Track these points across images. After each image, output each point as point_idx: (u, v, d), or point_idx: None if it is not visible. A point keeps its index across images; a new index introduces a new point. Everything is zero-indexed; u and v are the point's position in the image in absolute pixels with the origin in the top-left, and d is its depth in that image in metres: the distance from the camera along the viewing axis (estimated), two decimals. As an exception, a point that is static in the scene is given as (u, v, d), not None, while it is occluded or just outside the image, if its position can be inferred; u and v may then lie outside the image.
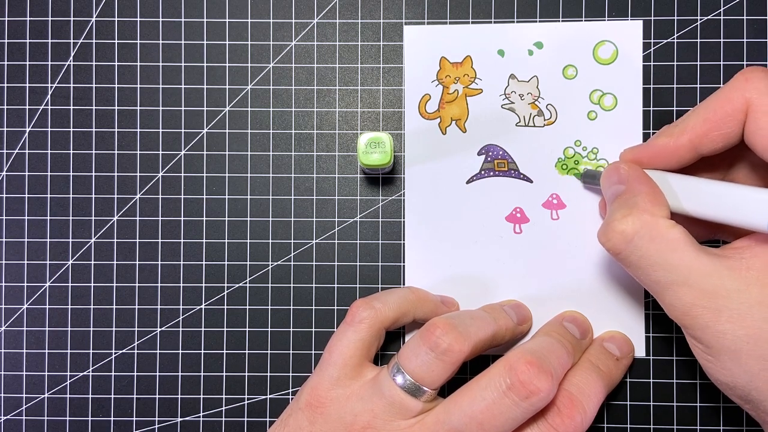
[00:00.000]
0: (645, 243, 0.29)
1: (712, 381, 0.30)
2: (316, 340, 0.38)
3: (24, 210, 0.39)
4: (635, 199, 0.30)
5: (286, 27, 0.39)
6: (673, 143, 0.31)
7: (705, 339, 0.28)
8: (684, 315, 0.29)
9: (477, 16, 0.39)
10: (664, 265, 0.29)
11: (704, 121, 0.30)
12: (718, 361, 0.29)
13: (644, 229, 0.29)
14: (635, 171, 0.32)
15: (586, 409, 0.32)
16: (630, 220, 0.30)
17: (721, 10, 0.38)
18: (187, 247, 0.39)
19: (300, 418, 0.33)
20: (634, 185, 0.31)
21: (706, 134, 0.31)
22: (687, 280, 0.28)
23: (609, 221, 0.30)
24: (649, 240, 0.29)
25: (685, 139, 0.31)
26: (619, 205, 0.31)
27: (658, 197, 0.31)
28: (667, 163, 0.32)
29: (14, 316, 0.39)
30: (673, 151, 0.32)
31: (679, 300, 0.29)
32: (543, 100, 0.38)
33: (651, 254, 0.29)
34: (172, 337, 0.39)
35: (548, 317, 0.38)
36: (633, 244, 0.29)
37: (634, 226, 0.29)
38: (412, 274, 0.38)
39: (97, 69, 0.39)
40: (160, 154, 0.39)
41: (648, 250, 0.29)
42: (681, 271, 0.28)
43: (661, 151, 0.32)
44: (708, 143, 0.31)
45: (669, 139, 0.32)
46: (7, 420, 0.39)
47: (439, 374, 0.31)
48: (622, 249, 0.30)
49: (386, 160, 0.35)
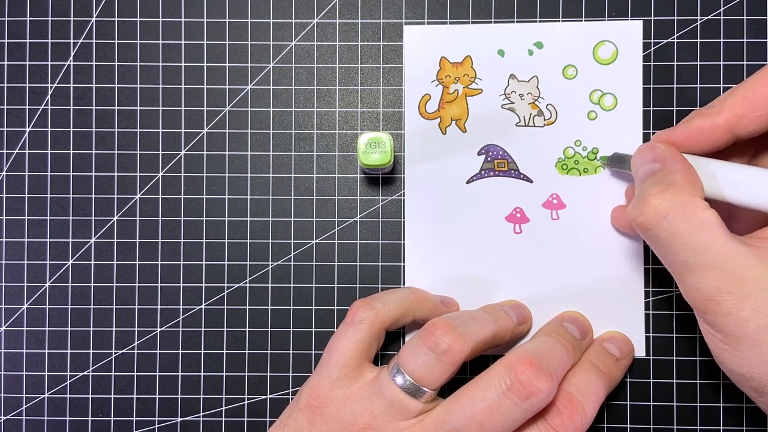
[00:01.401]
0: (679, 221, 0.28)
1: (726, 372, 0.30)
2: (316, 340, 0.38)
3: (24, 210, 0.39)
4: (673, 176, 0.30)
5: (286, 27, 0.39)
6: (710, 124, 0.31)
7: (725, 326, 0.28)
8: (708, 300, 0.28)
9: (477, 16, 0.39)
10: (695, 245, 0.28)
11: (743, 101, 0.30)
12: (735, 350, 0.28)
13: (680, 207, 0.28)
14: (671, 150, 0.31)
15: (585, 409, 0.32)
16: (667, 195, 0.29)
17: (721, 10, 0.38)
18: (187, 247, 0.39)
19: (300, 419, 0.33)
20: (671, 164, 0.30)
21: (744, 115, 0.30)
22: (715, 264, 0.28)
23: (643, 195, 0.29)
24: (683, 218, 0.28)
25: (722, 120, 0.30)
26: (654, 180, 0.30)
27: (694, 178, 0.30)
28: (701, 145, 0.31)
29: (14, 316, 0.39)
30: (708, 133, 0.31)
31: (705, 283, 0.28)
32: (543, 100, 0.38)
33: (683, 233, 0.28)
34: (172, 337, 0.39)
35: (548, 317, 0.38)
36: (667, 221, 0.28)
37: (670, 203, 0.28)
38: (412, 274, 0.38)
39: (97, 69, 0.39)
40: (160, 154, 0.39)
41: (680, 228, 0.28)
42: (711, 254, 0.28)
43: (696, 132, 0.31)
44: (746, 125, 0.30)
45: (705, 120, 0.31)
46: (7, 420, 0.39)
47: (438, 375, 0.31)
48: (655, 224, 0.29)
49: (386, 160, 0.35)
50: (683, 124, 0.32)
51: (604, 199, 0.38)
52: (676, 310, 0.38)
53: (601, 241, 0.38)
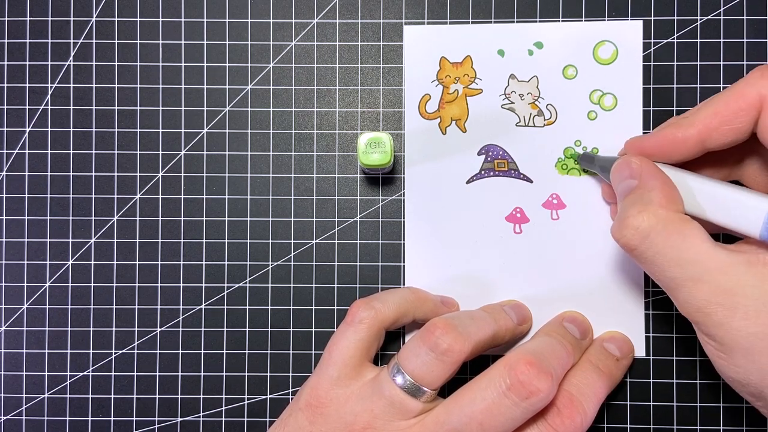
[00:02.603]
0: (661, 239, 0.28)
1: (724, 378, 0.30)
2: (316, 340, 0.38)
3: (24, 210, 0.39)
4: (650, 194, 0.30)
5: (286, 27, 0.39)
6: (681, 135, 0.31)
7: (718, 336, 0.28)
8: (698, 312, 0.28)
9: (477, 16, 0.39)
10: (680, 261, 0.28)
11: (715, 114, 0.30)
12: (731, 358, 0.28)
13: (660, 225, 0.29)
14: (648, 165, 0.31)
15: (585, 409, 0.32)
16: (645, 216, 0.29)
17: (721, 10, 0.38)
18: (187, 247, 0.39)
19: (300, 418, 0.33)
20: (648, 180, 0.30)
21: (716, 128, 0.30)
22: (702, 277, 0.28)
23: (623, 217, 0.30)
24: (665, 236, 0.28)
25: (694, 131, 0.30)
26: (633, 200, 0.30)
27: (672, 192, 0.30)
28: (671, 155, 0.32)
29: (14, 316, 0.39)
30: (679, 143, 0.31)
31: (694, 297, 0.28)
32: (543, 100, 0.38)
33: (667, 251, 0.28)
34: (172, 337, 0.39)
35: (548, 317, 0.38)
36: (649, 240, 0.29)
37: (649, 222, 0.29)
38: (412, 274, 0.38)
39: (97, 69, 0.39)
40: (160, 154, 0.39)
41: (664, 247, 0.28)
42: (697, 268, 0.28)
43: (667, 142, 0.31)
44: (717, 137, 0.30)
45: (677, 131, 0.31)
46: (7, 420, 0.39)
47: (438, 374, 0.31)
48: (637, 245, 0.29)
49: (386, 160, 0.35)
50: (656, 133, 0.32)
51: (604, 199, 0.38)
52: (676, 310, 0.38)
53: (601, 241, 0.38)
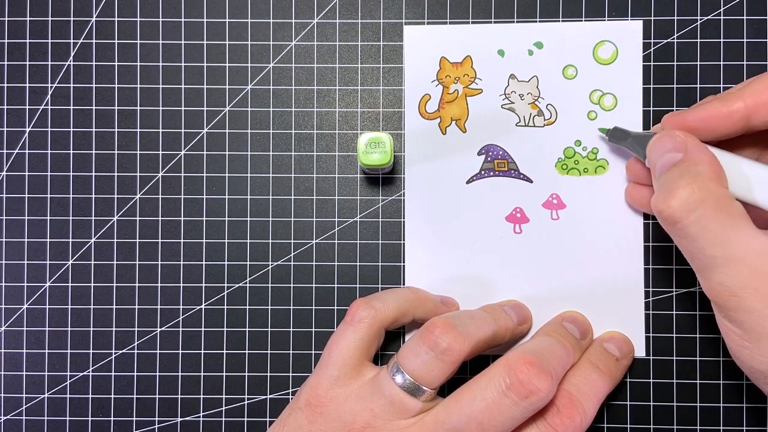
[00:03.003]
0: (708, 214, 0.27)
1: (744, 368, 0.29)
2: (316, 340, 0.38)
3: (24, 210, 0.39)
4: (698, 167, 0.29)
5: (286, 27, 0.39)
6: (726, 109, 0.30)
7: (747, 323, 0.27)
8: (731, 295, 0.27)
9: (477, 16, 0.39)
10: (724, 240, 0.27)
11: (766, 88, 0.29)
12: (756, 347, 0.27)
13: (710, 200, 0.27)
14: (693, 139, 0.30)
15: (585, 409, 0.32)
16: (695, 188, 0.28)
17: (721, 10, 0.38)
18: (187, 247, 0.39)
19: (299, 418, 0.33)
20: (695, 154, 0.29)
21: (765, 102, 0.29)
22: (744, 259, 0.27)
23: (671, 188, 0.28)
24: (713, 212, 0.27)
25: (741, 105, 0.29)
26: (680, 172, 0.29)
27: (719, 168, 0.29)
28: (713, 131, 0.30)
29: (14, 316, 0.39)
30: (724, 118, 0.30)
31: (731, 279, 0.27)
32: (543, 100, 0.38)
33: (712, 227, 0.27)
34: (172, 337, 0.39)
35: (548, 317, 0.38)
36: (696, 214, 0.27)
37: (700, 195, 0.27)
38: (412, 274, 0.38)
39: (97, 69, 0.39)
40: (160, 154, 0.39)
41: (710, 222, 0.27)
42: (739, 249, 0.27)
43: (711, 116, 0.30)
44: (764, 113, 0.29)
45: (721, 104, 0.30)
46: (7, 420, 0.39)
47: (438, 374, 0.31)
48: (682, 218, 0.28)
49: (386, 160, 0.35)
50: (697, 108, 0.31)
51: (604, 199, 0.38)
52: (676, 310, 0.38)
53: (601, 241, 0.38)
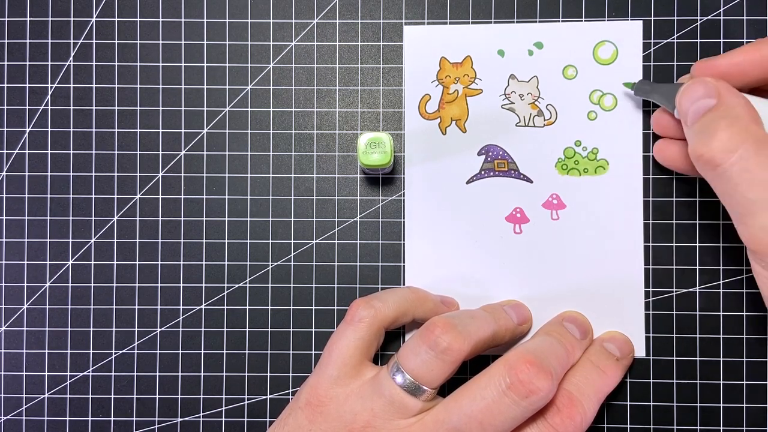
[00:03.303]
0: (750, 155, 0.27)
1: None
2: (316, 340, 0.38)
3: (24, 210, 0.39)
4: (735, 110, 0.28)
5: (286, 27, 0.39)
6: (759, 53, 0.30)
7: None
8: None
9: (477, 16, 0.39)
10: (766, 181, 0.27)
11: None
12: None
13: (750, 141, 0.27)
14: (725, 84, 0.29)
15: (585, 409, 0.32)
16: (735, 130, 0.27)
17: (721, 10, 0.38)
18: (187, 247, 0.39)
19: (300, 417, 0.33)
20: (730, 98, 0.29)
21: None
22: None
23: (710, 131, 0.28)
24: (755, 152, 0.27)
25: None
26: (718, 115, 0.28)
27: (755, 112, 0.29)
28: (745, 76, 0.30)
29: (14, 316, 0.39)
30: (757, 63, 0.30)
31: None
32: (543, 100, 0.38)
33: (754, 168, 0.27)
34: (172, 337, 0.39)
35: (548, 317, 0.38)
36: (737, 155, 0.27)
37: (741, 136, 0.27)
38: (412, 274, 0.38)
39: (97, 69, 0.39)
40: (160, 154, 0.39)
41: (752, 164, 0.27)
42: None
43: (744, 61, 0.30)
44: None
45: (754, 50, 0.30)
46: (7, 420, 0.39)
47: (438, 373, 0.31)
48: (724, 160, 0.27)
49: (386, 160, 0.35)
50: (728, 54, 0.31)
51: (604, 199, 0.38)
52: (676, 310, 0.38)
53: (601, 241, 0.38)
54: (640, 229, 0.38)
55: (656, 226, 0.38)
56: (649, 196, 0.38)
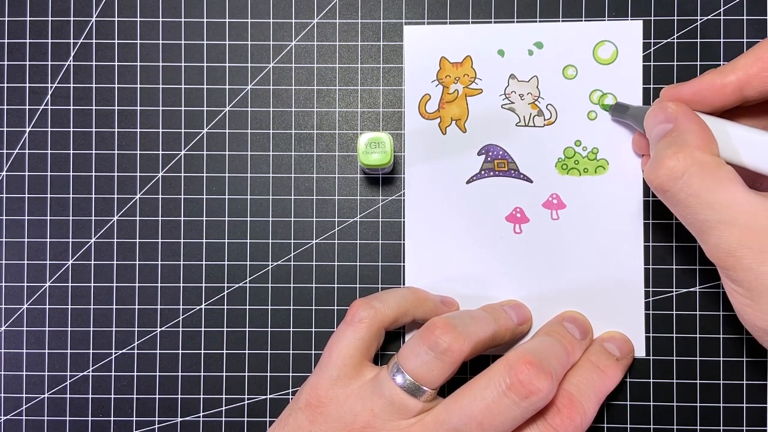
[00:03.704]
0: (695, 181, 0.28)
1: (747, 327, 0.30)
2: (316, 340, 0.38)
3: (24, 210, 0.39)
4: (685, 136, 0.30)
5: (286, 27, 0.39)
6: (720, 81, 0.31)
7: (747, 281, 0.28)
8: (728, 255, 0.28)
9: (477, 16, 0.39)
10: (713, 203, 0.28)
11: (756, 60, 0.30)
12: (757, 305, 0.28)
13: (695, 167, 0.28)
14: (683, 109, 0.31)
15: (585, 409, 0.32)
16: (680, 157, 0.29)
17: (721, 10, 0.38)
18: (187, 247, 0.39)
19: (299, 418, 0.33)
20: (683, 123, 0.30)
21: (756, 74, 0.30)
22: (735, 220, 0.28)
23: (658, 158, 0.29)
24: (699, 178, 0.28)
25: (734, 78, 0.30)
26: (668, 142, 0.30)
27: (708, 136, 0.30)
28: (709, 102, 0.31)
29: (14, 316, 0.39)
30: (718, 90, 0.31)
31: (725, 240, 0.28)
32: (543, 100, 0.38)
33: (700, 192, 0.28)
34: (172, 337, 0.39)
35: (548, 317, 0.38)
36: (682, 182, 0.28)
37: (684, 163, 0.28)
38: (412, 274, 0.38)
39: (97, 69, 0.39)
40: (160, 154, 0.39)
41: (698, 188, 0.28)
42: (729, 211, 0.28)
43: (706, 88, 0.31)
44: (757, 84, 0.30)
45: (716, 77, 0.31)
46: (7, 420, 0.39)
47: (438, 374, 0.31)
48: (671, 186, 0.29)
49: (386, 160, 0.35)
50: (693, 81, 0.32)
51: (604, 199, 0.38)
52: (676, 310, 0.38)
53: (601, 241, 0.38)
54: (640, 229, 0.38)
55: (656, 226, 0.38)
56: (649, 196, 0.38)
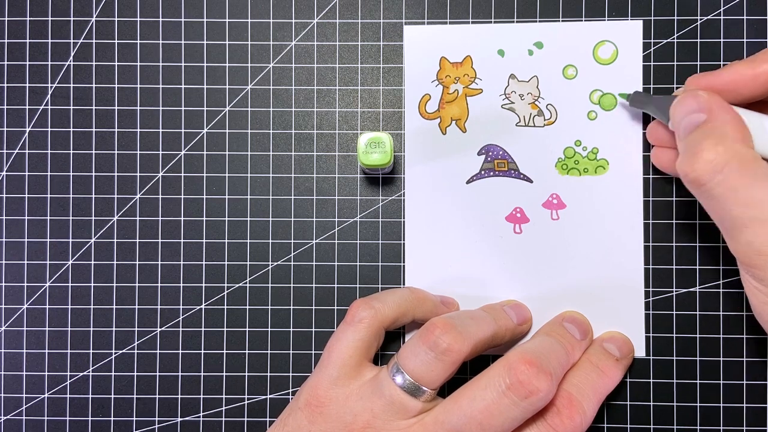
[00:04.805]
0: (735, 175, 0.27)
1: (765, 326, 0.29)
2: (316, 340, 0.38)
3: (24, 210, 0.39)
4: (725, 128, 0.29)
5: (286, 27, 0.39)
6: (752, 72, 0.30)
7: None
8: (759, 255, 0.28)
9: (477, 16, 0.39)
10: (750, 200, 0.27)
11: None
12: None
13: (735, 160, 0.28)
14: (717, 99, 0.30)
15: (585, 409, 0.32)
16: (721, 149, 0.28)
17: (721, 10, 0.38)
18: (187, 247, 0.39)
19: (299, 418, 0.33)
20: (720, 113, 0.29)
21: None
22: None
23: (696, 150, 0.28)
24: (739, 172, 0.27)
25: (766, 68, 0.30)
26: (705, 133, 0.29)
27: (744, 128, 0.29)
28: (738, 94, 0.31)
29: (14, 316, 0.39)
30: (749, 80, 0.30)
31: (758, 238, 0.27)
32: (543, 100, 0.38)
33: (738, 187, 0.27)
34: (172, 337, 0.39)
35: (548, 317, 0.38)
36: (722, 175, 0.28)
37: (725, 156, 0.28)
38: (412, 274, 0.38)
39: (97, 69, 0.39)
40: (160, 154, 0.39)
41: (736, 183, 0.27)
42: (765, 208, 0.27)
43: (736, 79, 0.30)
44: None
45: (747, 67, 0.30)
46: (7, 420, 0.39)
47: (438, 374, 0.31)
48: (709, 180, 0.28)
49: (386, 160, 0.35)
50: (722, 71, 0.31)
51: (604, 199, 0.38)
52: (676, 310, 0.38)
53: (601, 241, 0.38)
54: (640, 229, 0.38)
55: (656, 226, 0.38)
56: (649, 196, 0.38)
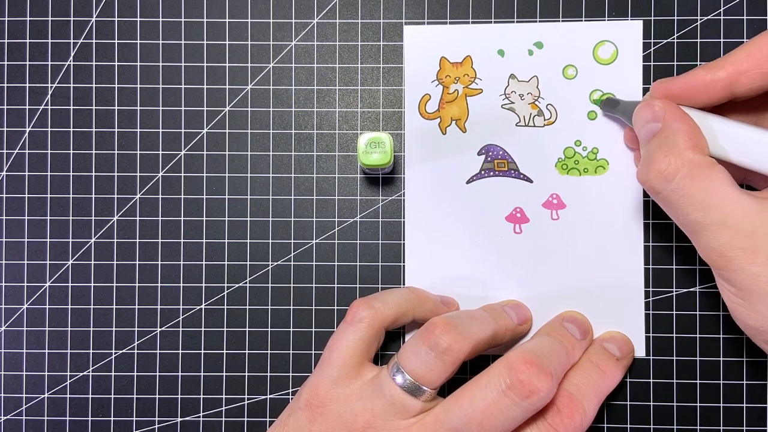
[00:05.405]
0: (686, 182, 0.28)
1: (740, 326, 0.30)
2: (316, 340, 0.38)
3: (24, 210, 0.39)
4: (675, 137, 0.30)
5: (286, 27, 0.39)
6: (710, 77, 0.31)
7: (738, 281, 0.28)
8: (720, 256, 0.28)
9: (477, 16, 0.39)
10: (705, 204, 0.28)
11: (746, 57, 0.30)
12: (749, 304, 0.28)
13: (685, 169, 0.29)
14: (671, 107, 0.31)
15: (585, 409, 0.32)
16: (671, 160, 0.29)
17: (721, 10, 0.38)
18: (187, 247, 0.39)
19: (300, 418, 0.33)
20: (672, 123, 0.30)
21: (746, 71, 0.30)
22: (726, 221, 0.28)
23: (649, 161, 0.29)
24: (690, 179, 0.28)
25: (723, 74, 0.30)
26: (658, 144, 0.30)
27: (697, 135, 0.30)
28: (698, 98, 0.31)
29: (14, 316, 0.39)
30: (707, 85, 0.31)
31: (717, 240, 0.28)
32: (543, 100, 0.38)
33: (692, 194, 0.28)
34: (172, 337, 0.39)
35: (548, 317, 0.38)
36: (674, 184, 0.29)
37: (675, 165, 0.29)
38: (412, 274, 0.38)
39: (97, 69, 0.39)
40: (160, 154, 0.39)
41: (689, 190, 0.28)
42: (721, 211, 0.28)
43: (695, 84, 0.31)
44: (746, 81, 0.30)
45: (705, 73, 0.31)
46: (7, 420, 0.39)
47: (438, 374, 0.31)
48: (663, 188, 0.29)
49: (386, 160, 0.35)
50: (682, 77, 0.32)
51: (604, 199, 0.38)
52: (676, 310, 0.38)
53: (601, 241, 0.38)
54: (640, 229, 0.38)
55: (656, 226, 0.38)
56: (649, 196, 0.38)
